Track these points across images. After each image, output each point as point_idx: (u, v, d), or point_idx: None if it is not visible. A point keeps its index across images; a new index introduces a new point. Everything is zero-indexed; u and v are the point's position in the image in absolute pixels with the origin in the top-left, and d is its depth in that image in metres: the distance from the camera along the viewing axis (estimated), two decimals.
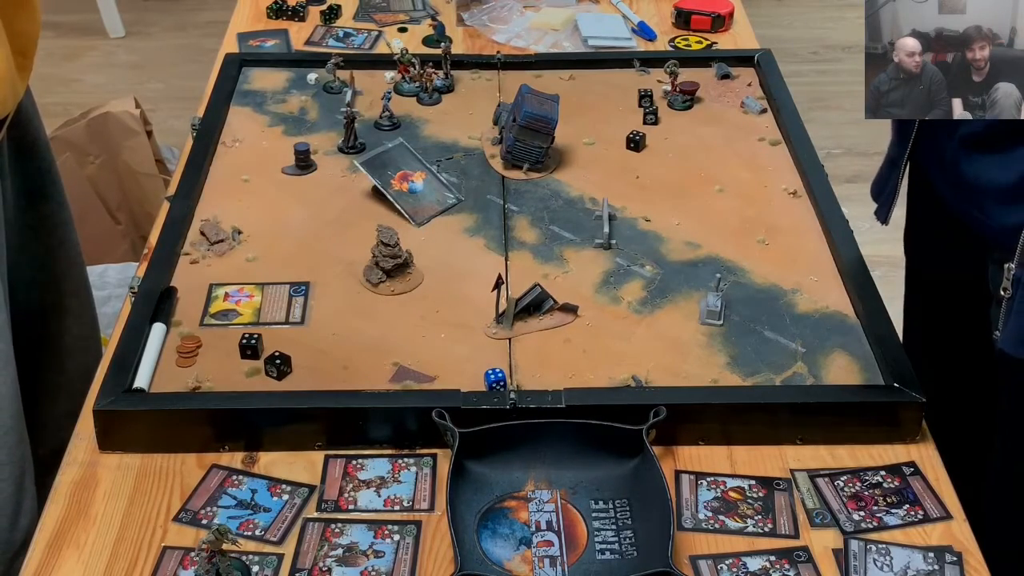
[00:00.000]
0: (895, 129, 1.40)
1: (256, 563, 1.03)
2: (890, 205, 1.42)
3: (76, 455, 1.15)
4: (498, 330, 1.27)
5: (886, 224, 1.45)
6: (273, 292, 1.32)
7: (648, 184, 1.52)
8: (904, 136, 1.36)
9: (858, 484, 1.11)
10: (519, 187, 1.51)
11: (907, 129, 1.35)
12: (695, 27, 1.90)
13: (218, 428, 1.14)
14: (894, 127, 1.40)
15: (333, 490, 1.11)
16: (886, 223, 1.45)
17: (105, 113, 2.35)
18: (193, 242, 1.40)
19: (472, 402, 1.14)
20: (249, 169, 1.54)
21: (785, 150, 1.58)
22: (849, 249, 1.36)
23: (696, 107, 1.68)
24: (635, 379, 1.19)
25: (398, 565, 1.03)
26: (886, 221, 1.44)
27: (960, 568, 1.03)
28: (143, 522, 1.08)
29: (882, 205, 1.44)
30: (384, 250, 1.32)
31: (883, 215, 1.43)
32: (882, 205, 1.44)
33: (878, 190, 1.45)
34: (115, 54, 3.82)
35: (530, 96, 1.50)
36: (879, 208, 1.44)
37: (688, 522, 1.07)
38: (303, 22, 1.92)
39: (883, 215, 1.43)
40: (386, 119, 1.63)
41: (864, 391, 1.18)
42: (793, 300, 1.31)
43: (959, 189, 1.29)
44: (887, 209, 1.42)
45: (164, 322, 1.26)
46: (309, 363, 1.22)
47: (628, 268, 1.36)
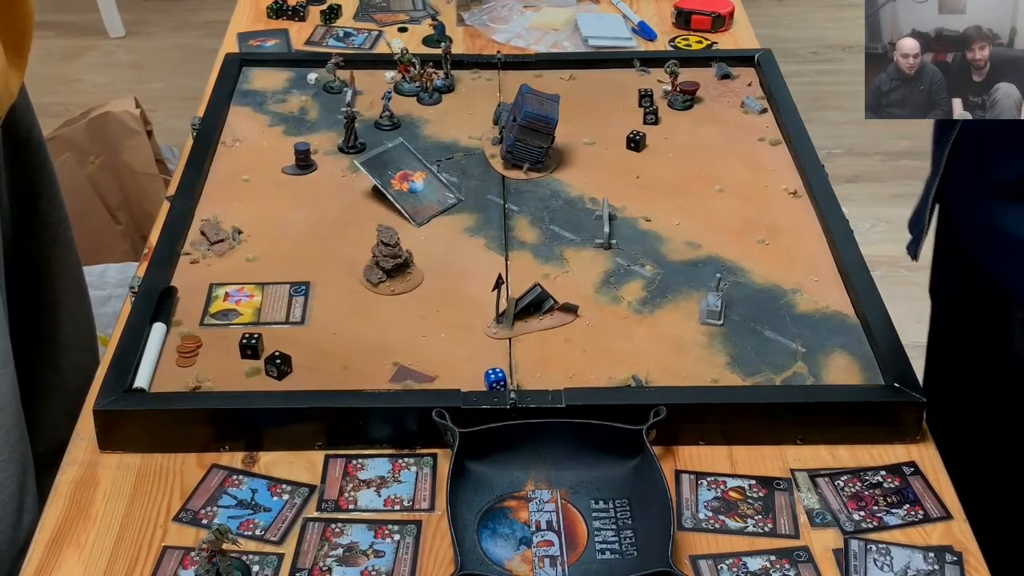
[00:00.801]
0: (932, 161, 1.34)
1: (256, 563, 1.03)
2: (920, 239, 1.37)
3: (76, 455, 1.15)
4: (498, 330, 1.27)
5: (916, 259, 1.39)
6: (273, 292, 1.32)
7: (648, 184, 1.52)
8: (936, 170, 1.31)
9: (858, 484, 1.11)
10: (519, 187, 1.51)
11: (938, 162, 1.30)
12: (695, 27, 1.91)
13: (218, 428, 1.14)
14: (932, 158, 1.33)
15: (333, 490, 1.11)
16: (916, 259, 1.40)
17: (105, 113, 2.35)
18: (193, 242, 1.40)
19: (472, 402, 1.14)
20: (249, 169, 1.54)
21: (785, 150, 1.58)
22: (849, 249, 1.36)
23: (696, 107, 1.68)
24: (635, 379, 1.20)
25: (398, 565, 1.03)
26: (916, 257, 1.39)
27: (960, 568, 1.03)
28: (143, 522, 1.08)
29: (914, 240, 1.39)
30: (384, 250, 1.32)
31: (914, 250, 1.38)
32: (914, 240, 1.39)
33: (915, 223, 1.40)
34: (115, 54, 3.82)
35: (530, 96, 1.50)
36: (912, 242, 1.39)
37: (688, 522, 1.07)
38: (303, 22, 1.93)
39: (914, 250, 1.38)
40: (386, 119, 1.63)
41: (864, 391, 1.18)
42: (793, 300, 1.31)
43: (984, 235, 1.25)
44: (918, 244, 1.37)
45: (164, 322, 1.26)
46: (309, 363, 1.22)
47: (628, 268, 1.36)
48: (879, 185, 3.06)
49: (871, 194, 2.96)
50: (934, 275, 1.48)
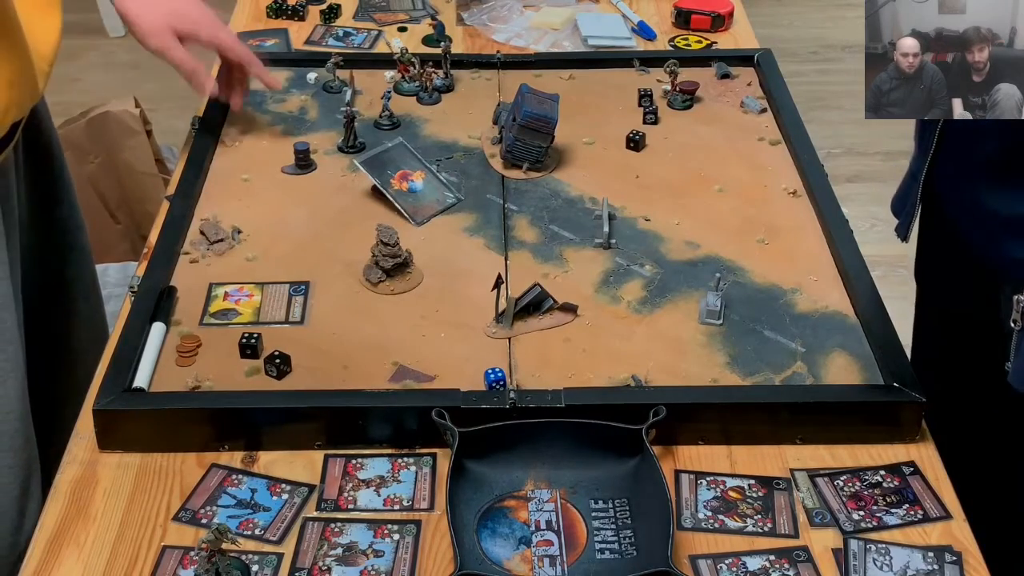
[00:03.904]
0: (916, 142, 1.36)
1: (256, 562, 1.03)
2: (910, 222, 1.38)
3: (76, 454, 1.15)
4: (498, 330, 1.27)
5: (906, 241, 1.41)
6: (273, 291, 1.32)
7: (648, 184, 1.52)
8: (924, 150, 1.32)
9: (858, 484, 1.11)
10: (519, 186, 1.51)
11: (927, 142, 1.31)
12: (695, 27, 1.91)
13: (218, 427, 1.14)
14: (916, 140, 1.36)
15: (333, 489, 1.11)
16: (906, 240, 1.41)
17: (105, 112, 2.35)
18: (193, 241, 1.40)
19: (472, 402, 1.14)
20: (249, 168, 1.54)
21: (785, 150, 1.58)
22: (849, 249, 1.36)
23: (696, 107, 1.68)
24: (635, 379, 1.19)
25: (398, 564, 1.03)
26: (906, 238, 1.40)
27: (960, 568, 1.03)
28: (143, 521, 1.08)
29: (902, 222, 1.40)
30: (384, 249, 1.32)
31: (903, 232, 1.40)
32: (902, 222, 1.40)
33: (899, 205, 1.41)
34: (115, 54, 3.82)
35: (530, 95, 1.50)
36: (899, 224, 1.40)
37: (688, 522, 1.07)
38: (303, 21, 1.93)
39: (903, 232, 1.40)
40: (386, 118, 1.63)
41: (864, 391, 1.18)
42: (793, 300, 1.31)
43: (970, 215, 1.26)
44: (907, 226, 1.39)
45: (164, 321, 1.26)
46: (309, 363, 1.22)
47: (628, 268, 1.36)
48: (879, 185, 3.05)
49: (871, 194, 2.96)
50: (919, 257, 1.49)
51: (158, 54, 1.50)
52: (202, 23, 1.51)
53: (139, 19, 1.48)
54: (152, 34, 1.47)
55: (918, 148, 1.36)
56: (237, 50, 1.55)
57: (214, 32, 1.52)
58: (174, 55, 1.49)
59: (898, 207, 1.42)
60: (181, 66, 1.51)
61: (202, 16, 1.51)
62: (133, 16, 1.48)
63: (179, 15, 1.49)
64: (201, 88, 1.54)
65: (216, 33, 1.53)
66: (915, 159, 1.37)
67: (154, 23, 1.47)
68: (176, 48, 1.49)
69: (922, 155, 1.34)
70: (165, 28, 1.48)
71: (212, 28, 1.52)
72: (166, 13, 1.48)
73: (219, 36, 1.53)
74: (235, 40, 1.55)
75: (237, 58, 1.56)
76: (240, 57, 1.56)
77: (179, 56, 1.50)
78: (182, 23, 1.49)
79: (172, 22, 1.48)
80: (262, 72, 1.57)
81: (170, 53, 1.49)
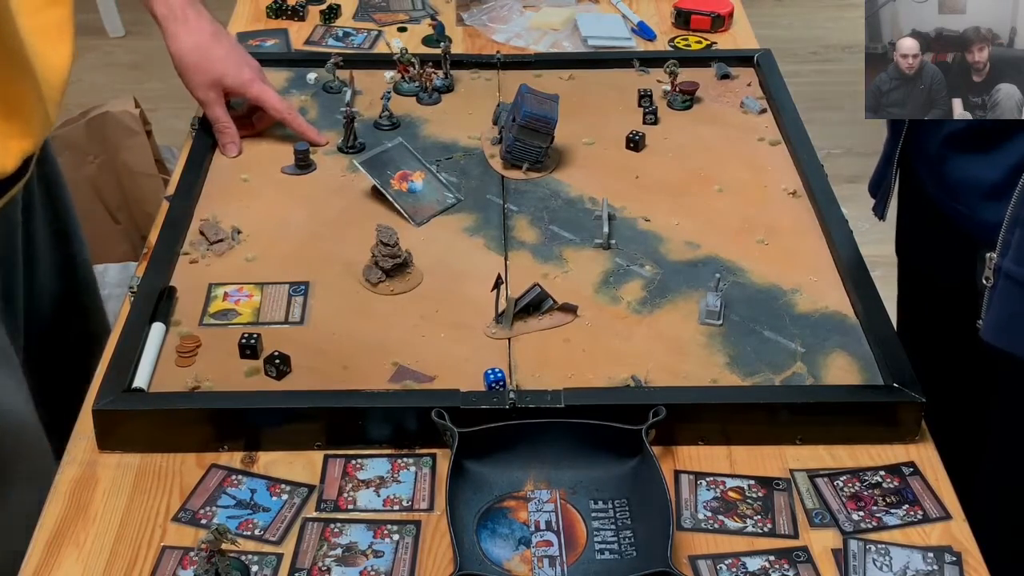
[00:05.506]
0: (889, 126, 1.43)
1: (255, 563, 1.03)
2: (886, 201, 1.46)
3: (75, 454, 1.15)
4: (497, 330, 1.27)
5: (883, 219, 1.49)
6: (272, 292, 1.32)
7: (648, 184, 1.52)
8: (896, 133, 1.39)
9: (857, 484, 1.11)
10: (519, 187, 1.51)
11: (899, 126, 1.38)
12: (695, 27, 1.90)
13: (217, 428, 1.14)
14: (888, 124, 1.43)
15: (332, 490, 1.11)
16: (883, 218, 1.48)
17: (104, 113, 2.35)
18: (192, 242, 1.40)
19: (471, 402, 1.14)
20: (249, 169, 1.54)
21: (785, 150, 1.58)
22: (849, 249, 1.36)
23: (696, 107, 1.68)
24: (634, 379, 1.19)
25: (397, 565, 1.03)
26: (883, 216, 1.48)
27: (959, 568, 1.03)
28: (142, 521, 1.08)
29: (879, 201, 1.47)
30: (384, 250, 1.32)
31: (880, 210, 1.47)
32: (879, 201, 1.47)
33: (875, 186, 1.49)
34: (115, 54, 3.82)
35: (530, 96, 1.50)
36: (876, 204, 1.48)
37: (687, 522, 1.07)
38: (303, 21, 1.92)
39: (880, 210, 1.47)
40: (386, 119, 1.63)
41: (864, 391, 1.18)
42: (793, 300, 1.31)
43: (945, 186, 1.31)
44: (883, 205, 1.47)
45: (163, 322, 1.26)
46: (308, 363, 1.21)
47: (628, 268, 1.36)
48: None
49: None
50: (900, 233, 1.56)
51: (201, 105, 1.57)
52: (250, 85, 1.55)
53: (193, 74, 1.54)
54: (200, 88, 1.54)
55: (890, 132, 1.43)
56: (280, 108, 1.57)
57: (259, 91, 1.56)
58: (213, 111, 1.55)
59: (874, 188, 1.50)
60: (216, 123, 1.56)
61: (253, 77, 1.56)
62: (185, 68, 1.54)
63: (231, 76, 1.54)
64: (224, 150, 1.57)
65: (260, 93, 1.56)
66: (888, 141, 1.44)
67: (204, 80, 1.53)
68: (218, 105, 1.55)
69: (894, 138, 1.41)
70: (214, 84, 1.54)
71: (258, 89, 1.56)
72: (219, 74, 1.53)
73: (263, 95, 1.56)
74: (279, 99, 1.58)
75: (279, 117, 1.58)
76: (282, 116, 1.58)
77: (217, 113, 1.55)
78: (232, 82, 1.54)
79: (223, 80, 1.54)
80: (306, 129, 1.58)
81: (210, 108, 1.55)
